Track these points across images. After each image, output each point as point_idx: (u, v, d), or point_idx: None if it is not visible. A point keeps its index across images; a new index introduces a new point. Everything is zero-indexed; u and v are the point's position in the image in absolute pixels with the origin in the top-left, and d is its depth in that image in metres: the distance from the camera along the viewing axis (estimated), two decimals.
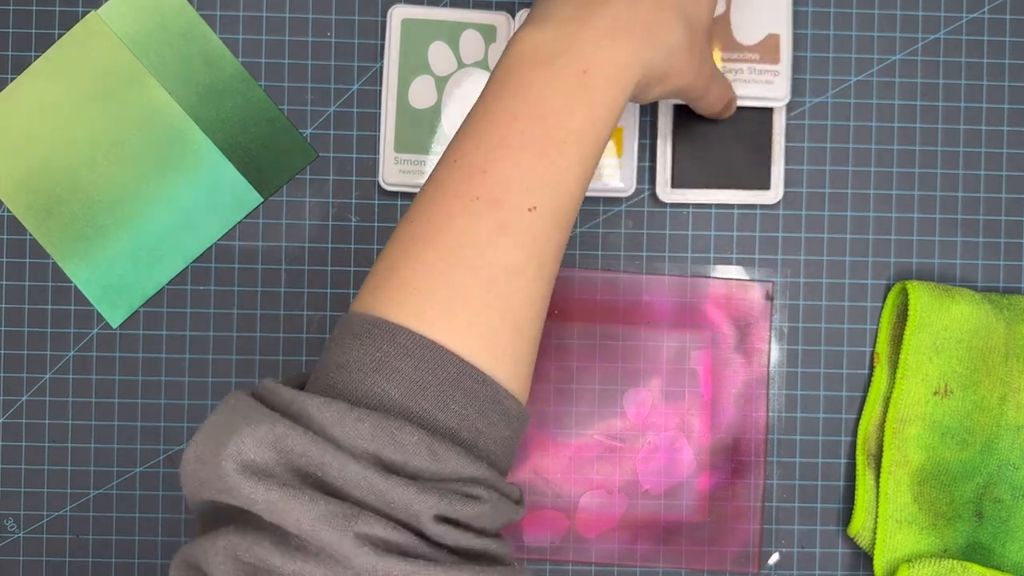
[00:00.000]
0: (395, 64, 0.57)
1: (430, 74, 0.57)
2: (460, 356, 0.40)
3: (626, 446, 0.59)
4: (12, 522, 0.58)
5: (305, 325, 0.58)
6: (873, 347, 0.59)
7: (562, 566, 0.58)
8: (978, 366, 0.56)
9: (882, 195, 0.59)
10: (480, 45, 0.57)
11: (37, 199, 0.58)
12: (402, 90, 0.57)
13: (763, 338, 0.59)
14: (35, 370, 0.58)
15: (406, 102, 0.57)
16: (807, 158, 0.59)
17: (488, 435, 0.40)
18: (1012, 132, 0.59)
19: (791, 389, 0.59)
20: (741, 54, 0.56)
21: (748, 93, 0.56)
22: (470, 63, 0.57)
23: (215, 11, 0.58)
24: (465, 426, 0.40)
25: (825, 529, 0.59)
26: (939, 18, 0.59)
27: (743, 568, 0.58)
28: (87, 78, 0.58)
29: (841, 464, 0.59)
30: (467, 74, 0.57)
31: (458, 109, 0.57)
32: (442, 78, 0.57)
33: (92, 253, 0.58)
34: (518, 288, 0.41)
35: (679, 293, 0.58)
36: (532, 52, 0.43)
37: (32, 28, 0.58)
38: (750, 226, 0.59)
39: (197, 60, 0.58)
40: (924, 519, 0.56)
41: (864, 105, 0.59)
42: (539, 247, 0.42)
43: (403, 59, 0.57)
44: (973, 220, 0.59)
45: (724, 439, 0.58)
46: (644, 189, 0.59)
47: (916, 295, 0.56)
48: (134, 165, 0.58)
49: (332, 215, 0.58)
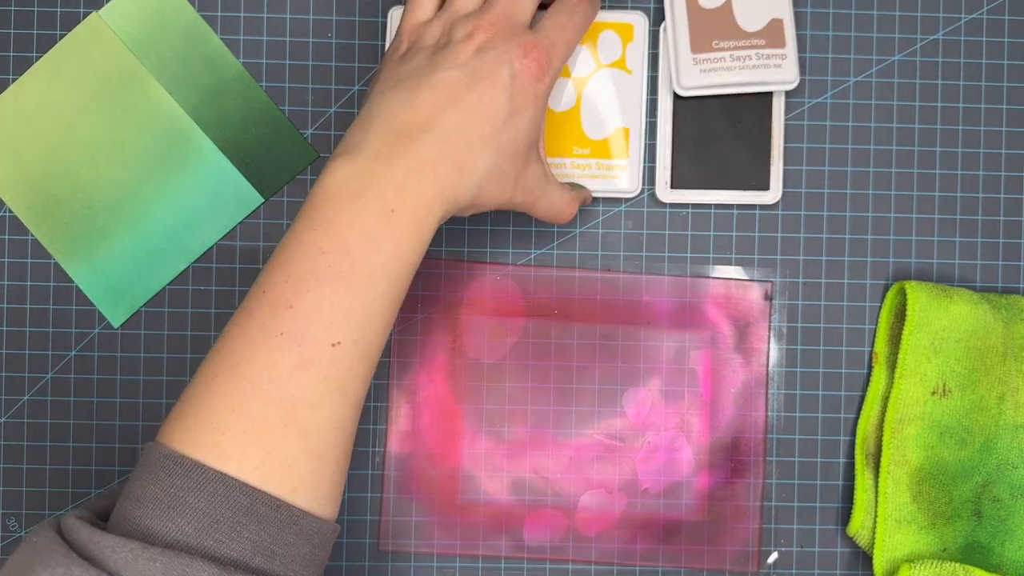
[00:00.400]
0: None
1: None
2: (254, 486, 0.41)
3: (626, 446, 0.59)
4: (14, 521, 0.58)
5: None
6: (872, 347, 0.59)
7: (562, 565, 0.59)
8: (976, 366, 0.57)
9: (881, 195, 0.59)
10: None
11: (39, 199, 0.58)
12: None
13: (762, 338, 0.59)
14: (37, 370, 0.58)
15: None
16: (806, 158, 0.59)
17: (285, 555, 0.42)
18: (1010, 132, 0.59)
19: (790, 389, 0.59)
20: (747, 41, 0.56)
21: (757, 79, 0.56)
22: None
23: (216, 12, 0.58)
24: (259, 551, 0.41)
25: (824, 528, 0.59)
26: (938, 19, 0.59)
27: (742, 567, 0.58)
28: (88, 79, 0.58)
29: (840, 464, 0.59)
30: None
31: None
32: None
33: (94, 253, 0.58)
34: (319, 419, 0.43)
35: (679, 293, 0.59)
36: (342, 186, 0.44)
37: (33, 29, 0.58)
38: (749, 226, 0.59)
39: (198, 61, 0.58)
40: (923, 518, 0.57)
41: (863, 106, 0.59)
42: (343, 380, 0.43)
43: None
44: (972, 220, 0.59)
45: (723, 438, 0.59)
46: (644, 189, 0.59)
47: (914, 295, 0.56)
48: (135, 165, 0.58)
49: None
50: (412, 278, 0.46)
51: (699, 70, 0.56)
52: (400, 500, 0.58)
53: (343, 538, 0.58)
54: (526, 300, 0.59)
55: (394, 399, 0.58)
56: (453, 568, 0.58)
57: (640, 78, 0.57)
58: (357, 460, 0.58)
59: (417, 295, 0.58)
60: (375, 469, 0.58)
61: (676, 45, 0.57)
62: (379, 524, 0.58)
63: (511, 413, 0.59)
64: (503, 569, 0.59)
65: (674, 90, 0.57)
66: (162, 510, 0.41)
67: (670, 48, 0.57)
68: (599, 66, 0.57)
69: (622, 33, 0.57)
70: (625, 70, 0.57)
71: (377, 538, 0.58)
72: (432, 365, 0.58)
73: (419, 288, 0.58)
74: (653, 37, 0.58)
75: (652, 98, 0.59)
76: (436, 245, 0.59)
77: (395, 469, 0.58)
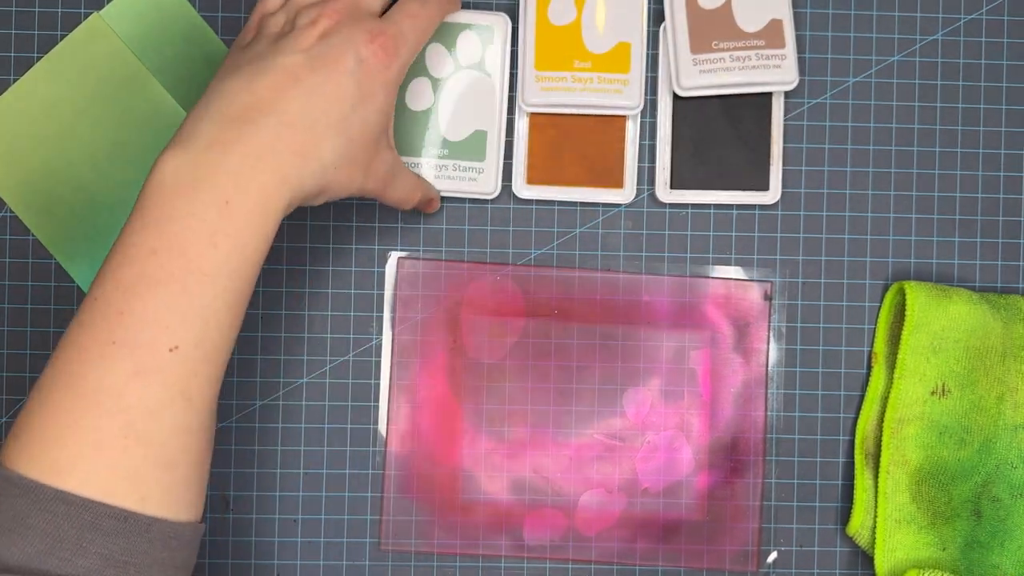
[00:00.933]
0: None
1: (427, 76, 0.57)
2: (98, 501, 0.40)
3: (625, 445, 0.59)
4: None
5: (307, 325, 0.59)
6: (871, 347, 0.59)
7: (562, 565, 0.59)
8: (975, 366, 0.57)
9: (880, 195, 0.59)
10: (478, 47, 0.57)
11: (40, 200, 0.58)
12: (399, 91, 0.57)
13: (762, 338, 0.59)
14: (38, 370, 0.58)
15: (403, 103, 0.57)
16: (805, 159, 0.59)
17: (140, 564, 0.41)
18: (1009, 133, 0.59)
19: (790, 388, 0.59)
20: (747, 41, 0.56)
21: (757, 80, 0.56)
22: (467, 65, 0.57)
23: (217, 12, 0.59)
24: (110, 564, 0.40)
25: (824, 528, 0.59)
26: (937, 19, 0.59)
27: (742, 567, 0.59)
28: (89, 79, 0.58)
29: (839, 463, 0.59)
30: (464, 76, 0.57)
31: (454, 111, 0.57)
32: (439, 80, 0.57)
33: (95, 253, 0.58)
34: (163, 427, 0.41)
35: (678, 293, 0.59)
36: (173, 179, 0.42)
37: (34, 29, 0.58)
38: (749, 226, 0.59)
39: (199, 61, 0.58)
40: (923, 518, 0.57)
41: (862, 106, 0.59)
42: (185, 384, 0.42)
43: None
44: (971, 220, 0.59)
45: (723, 438, 0.59)
46: (644, 190, 0.59)
47: (913, 295, 0.56)
48: (136, 166, 0.58)
49: (333, 215, 0.59)
50: (258, 271, 0.44)
51: (699, 70, 0.56)
52: (400, 500, 0.58)
53: (343, 537, 0.58)
54: (526, 300, 0.59)
55: (394, 399, 0.58)
56: (453, 568, 0.59)
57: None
58: (357, 460, 0.59)
59: (417, 295, 0.58)
60: (375, 469, 0.58)
61: (676, 46, 0.57)
62: (379, 523, 0.58)
63: (511, 413, 0.59)
64: (503, 568, 0.59)
65: (674, 90, 0.57)
66: (3, 535, 0.40)
67: (670, 49, 0.57)
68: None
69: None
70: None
71: (378, 537, 0.59)
72: (432, 365, 0.58)
73: (419, 288, 0.58)
74: (653, 38, 0.58)
75: (652, 99, 0.59)
76: (435, 245, 0.59)
77: (395, 469, 0.58)
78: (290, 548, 0.58)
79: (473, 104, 0.57)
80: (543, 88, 0.56)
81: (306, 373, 0.58)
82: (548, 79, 0.56)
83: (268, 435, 0.58)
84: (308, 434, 0.58)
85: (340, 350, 0.58)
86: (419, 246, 0.59)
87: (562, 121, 0.58)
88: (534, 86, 0.56)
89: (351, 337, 0.58)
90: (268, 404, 0.58)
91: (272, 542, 0.58)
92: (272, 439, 0.58)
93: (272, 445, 0.58)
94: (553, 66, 0.57)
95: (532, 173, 0.58)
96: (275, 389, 0.58)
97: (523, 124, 0.58)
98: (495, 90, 0.57)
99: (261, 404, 0.58)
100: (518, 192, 0.58)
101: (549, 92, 0.56)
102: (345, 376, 0.58)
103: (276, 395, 0.58)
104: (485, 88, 0.57)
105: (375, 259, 0.59)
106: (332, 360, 0.59)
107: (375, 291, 0.59)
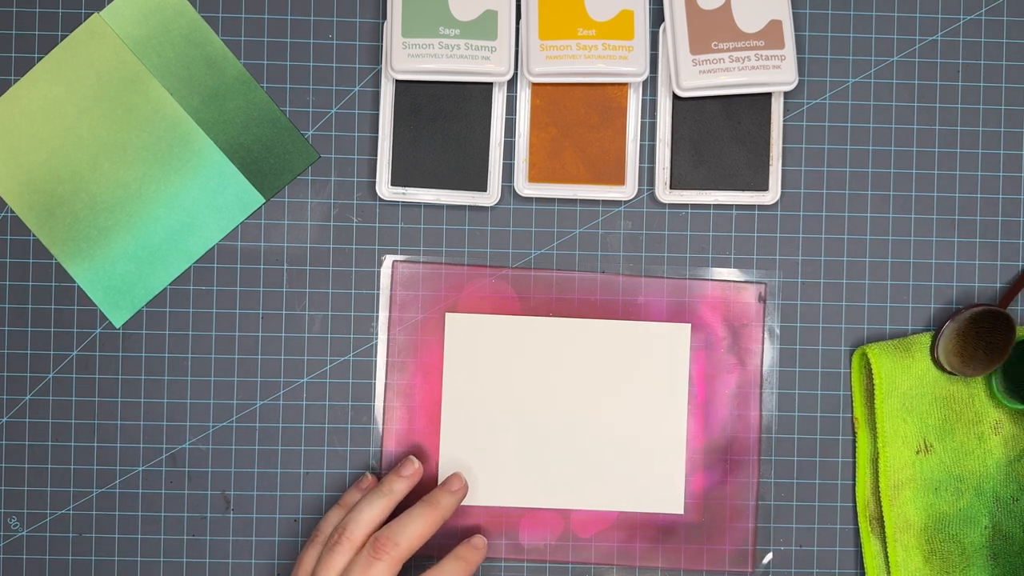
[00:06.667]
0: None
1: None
2: None
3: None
4: (15, 521, 0.58)
5: (307, 325, 0.59)
6: (851, 413, 0.59)
7: (562, 565, 0.59)
8: (947, 414, 0.57)
9: (879, 196, 0.59)
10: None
11: (40, 200, 0.58)
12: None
13: (756, 339, 0.59)
14: (38, 369, 0.58)
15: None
16: (805, 159, 0.59)
17: None
18: (1008, 133, 0.59)
19: (789, 388, 0.59)
20: (746, 42, 0.56)
21: (756, 80, 0.56)
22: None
23: (217, 13, 0.59)
24: None
25: (822, 527, 0.59)
26: (936, 20, 0.59)
27: (740, 567, 0.59)
28: (90, 79, 0.58)
29: (839, 463, 0.59)
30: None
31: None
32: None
33: (95, 253, 0.58)
34: None
35: (675, 294, 0.59)
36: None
37: (35, 30, 0.58)
38: (748, 227, 0.59)
39: (199, 62, 0.58)
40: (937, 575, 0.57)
41: (862, 106, 0.59)
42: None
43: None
44: (970, 220, 0.59)
45: (718, 439, 0.59)
46: (643, 190, 0.59)
47: (878, 363, 0.56)
48: (137, 166, 0.58)
49: (333, 216, 0.59)
50: None
51: (698, 71, 0.56)
52: None
53: None
54: (521, 302, 0.59)
55: (390, 399, 0.58)
56: None
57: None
58: (355, 459, 0.59)
59: (417, 295, 0.58)
60: (372, 469, 0.59)
61: (675, 46, 0.57)
62: None
63: None
64: (503, 568, 0.59)
65: (673, 91, 0.57)
66: None
67: (669, 49, 0.57)
68: None
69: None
70: None
71: None
72: (429, 365, 0.58)
73: (419, 288, 0.58)
74: (652, 38, 0.58)
75: (651, 99, 0.59)
76: (436, 246, 0.59)
77: None
78: (290, 548, 0.59)
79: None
80: (548, 57, 0.56)
81: (306, 373, 0.59)
82: (553, 47, 0.56)
83: (268, 435, 0.59)
84: (308, 434, 0.59)
85: (340, 350, 0.59)
86: (419, 246, 0.59)
87: (563, 119, 0.58)
88: (539, 55, 0.56)
89: (351, 337, 0.59)
90: (268, 404, 0.59)
91: (272, 542, 0.59)
92: (272, 439, 0.59)
93: (272, 445, 0.59)
94: (557, 35, 0.56)
95: (534, 171, 0.58)
96: (275, 389, 0.59)
97: (525, 104, 0.58)
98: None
99: (261, 404, 0.59)
100: (520, 191, 0.58)
101: (554, 61, 0.56)
102: (345, 376, 0.59)
103: (276, 395, 0.59)
104: None
105: (375, 259, 0.59)
106: (332, 360, 0.59)
107: (375, 291, 0.59)
